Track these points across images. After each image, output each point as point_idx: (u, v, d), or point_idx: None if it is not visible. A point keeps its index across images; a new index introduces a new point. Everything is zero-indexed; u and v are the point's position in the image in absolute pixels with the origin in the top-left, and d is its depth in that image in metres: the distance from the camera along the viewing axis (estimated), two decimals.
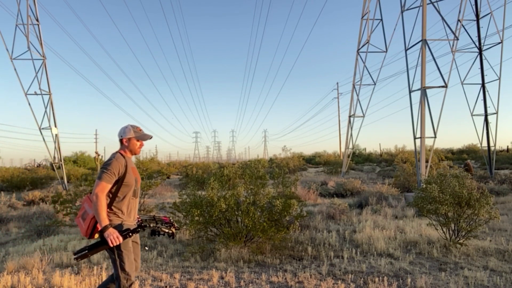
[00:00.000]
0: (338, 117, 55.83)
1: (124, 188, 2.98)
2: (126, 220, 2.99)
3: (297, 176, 8.95)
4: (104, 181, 2.85)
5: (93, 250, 2.81)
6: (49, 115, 20.63)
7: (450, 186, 5.86)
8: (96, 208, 2.77)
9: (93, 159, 43.97)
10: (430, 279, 4.44)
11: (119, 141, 3.15)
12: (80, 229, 3.00)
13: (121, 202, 2.98)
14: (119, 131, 3.13)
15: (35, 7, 19.98)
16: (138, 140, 3.13)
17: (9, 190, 19.94)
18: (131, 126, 3.14)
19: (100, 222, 2.76)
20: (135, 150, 3.13)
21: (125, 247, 2.92)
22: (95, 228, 2.87)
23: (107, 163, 2.94)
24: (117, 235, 2.77)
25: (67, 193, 7.88)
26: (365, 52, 23.05)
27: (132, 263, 2.97)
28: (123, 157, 3.05)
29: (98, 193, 2.80)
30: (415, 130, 13.74)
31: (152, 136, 3.23)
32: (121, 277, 2.90)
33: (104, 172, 2.87)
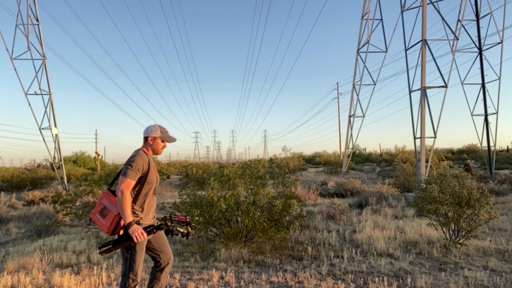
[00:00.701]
0: (338, 117, 55.89)
1: (146, 186, 3.01)
2: (144, 218, 3.00)
3: (297, 176, 8.95)
4: (129, 177, 2.86)
5: (118, 245, 2.84)
6: (49, 115, 20.66)
7: (450, 186, 5.86)
8: (121, 204, 2.78)
9: (93, 159, 43.97)
10: (430, 279, 4.44)
11: (144, 139, 3.17)
12: (100, 225, 3.00)
13: (142, 199, 3.00)
14: (145, 129, 3.17)
15: (35, 7, 19.99)
16: (162, 141, 3.18)
17: (9, 190, 19.94)
18: (158, 126, 3.18)
19: (124, 218, 2.78)
20: (157, 150, 3.17)
21: (139, 248, 2.94)
22: (118, 225, 2.88)
23: (131, 160, 2.94)
24: (142, 232, 2.79)
25: (67, 193, 7.87)
26: (365, 52, 23.07)
27: (141, 265, 3.00)
28: (146, 155, 3.07)
29: (123, 190, 2.82)
30: (415, 130, 13.75)
31: (176, 139, 3.28)
32: (128, 276, 2.93)
33: (129, 169, 2.89)
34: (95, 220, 3.06)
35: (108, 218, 2.93)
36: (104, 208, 3.00)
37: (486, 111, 18.70)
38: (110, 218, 2.91)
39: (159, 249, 3.16)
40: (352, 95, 24.47)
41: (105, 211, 2.98)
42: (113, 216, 2.89)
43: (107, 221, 2.92)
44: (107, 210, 2.97)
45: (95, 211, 3.06)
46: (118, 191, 2.83)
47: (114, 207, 2.91)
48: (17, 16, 19.47)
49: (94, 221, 3.09)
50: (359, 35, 23.42)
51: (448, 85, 13.66)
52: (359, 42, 23.47)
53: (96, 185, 7.09)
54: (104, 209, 2.99)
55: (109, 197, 3.01)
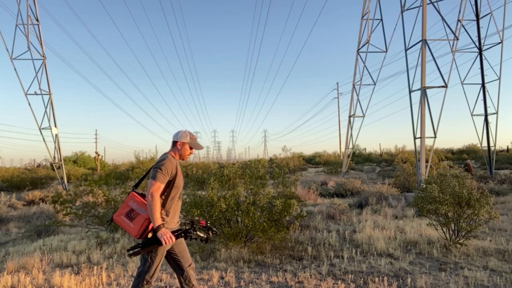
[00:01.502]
0: (338, 117, 55.89)
1: (173, 190, 3.01)
2: (169, 222, 2.99)
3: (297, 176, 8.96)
4: (159, 181, 2.87)
5: (146, 247, 2.86)
6: (49, 115, 20.65)
7: (450, 186, 5.86)
8: (151, 207, 2.79)
9: (93, 159, 43.97)
10: (430, 279, 4.44)
11: (172, 143, 3.18)
12: (127, 228, 2.96)
13: (169, 204, 3.01)
14: (175, 134, 3.20)
15: (35, 7, 19.99)
16: (190, 147, 3.20)
17: (9, 190, 19.93)
18: (188, 132, 3.21)
19: (154, 221, 2.78)
20: (184, 156, 3.18)
21: (161, 252, 2.95)
22: (147, 228, 2.88)
23: (160, 164, 2.94)
24: (170, 235, 2.81)
25: (67, 193, 7.87)
26: (365, 52, 23.06)
27: (159, 268, 3.03)
28: (174, 159, 3.08)
29: (153, 193, 2.82)
30: (415, 130, 13.74)
31: (203, 147, 3.30)
32: (144, 277, 2.95)
33: (159, 172, 2.89)
34: (119, 222, 3.00)
35: (137, 221, 2.90)
36: (131, 210, 2.97)
37: (486, 111, 18.70)
38: (139, 221, 2.89)
39: (179, 254, 3.17)
40: (352, 95, 24.48)
41: (133, 214, 2.95)
42: (143, 220, 2.88)
43: (136, 224, 2.89)
44: (135, 213, 2.94)
45: (120, 213, 3.01)
46: (148, 194, 2.83)
47: (144, 211, 2.89)
48: (17, 16, 19.49)
49: (118, 223, 3.02)
50: (359, 35, 23.43)
51: (448, 85, 13.66)
52: (359, 42, 23.47)
53: (96, 185, 7.09)
54: (132, 212, 2.96)
55: (137, 200, 2.98)
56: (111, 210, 6.84)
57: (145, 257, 2.95)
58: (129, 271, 4.99)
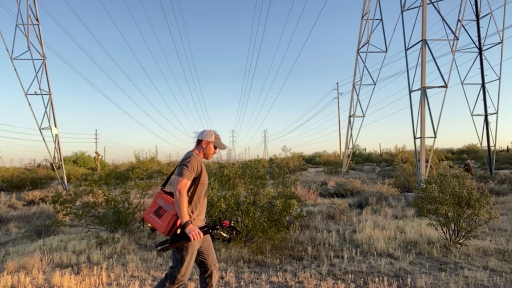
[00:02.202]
0: (338, 117, 55.90)
1: (199, 187, 3.06)
2: (196, 219, 3.03)
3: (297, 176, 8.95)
4: (185, 178, 2.92)
5: (175, 243, 2.89)
6: (49, 115, 20.63)
7: (450, 186, 5.86)
8: (178, 204, 2.83)
9: (93, 159, 43.98)
10: (430, 279, 4.44)
11: (197, 141, 3.24)
12: (155, 225, 3.01)
13: (195, 201, 3.05)
14: (200, 133, 3.26)
15: (35, 7, 19.98)
16: (215, 147, 3.25)
17: (9, 190, 19.92)
18: (213, 131, 3.26)
19: (181, 217, 2.82)
20: (208, 155, 3.24)
21: (192, 250, 2.98)
22: (175, 224, 2.92)
23: (186, 161, 2.99)
24: (198, 231, 2.84)
25: (67, 193, 7.87)
26: (365, 52, 23.06)
27: (190, 267, 3.04)
28: (198, 157, 3.13)
29: (180, 189, 2.87)
30: (415, 130, 13.74)
31: (227, 147, 3.36)
32: (176, 276, 2.97)
33: (185, 169, 2.94)
34: (149, 220, 3.06)
35: (164, 218, 2.95)
36: (159, 208, 3.02)
37: (486, 111, 18.70)
38: (167, 218, 2.93)
39: (206, 252, 3.20)
40: (352, 95, 24.48)
41: (160, 211, 3.00)
42: (170, 216, 2.92)
43: (164, 221, 2.94)
44: (163, 210, 2.99)
45: (149, 211, 3.08)
46: (175, 190, 2.88)
47: (171, 207, 2.94)
48: (17, 16, 19.47)
49: (147, 221, 3.09)
50: (359, 35, 23.43)
51: (448, 85, 13.66)
52: (359, 42, 23.47)
53: (96, 185, 7.09)
54: (160, 209, 3.01)
55: (165, 198, 3.04)
56: (111, 210, 6.85)
57: (176, 256, 2.98)
58: (129, 271, 4.99)
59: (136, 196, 7.35)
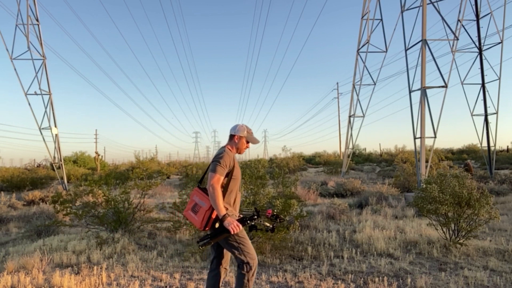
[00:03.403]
0: (338, 117, 55.89)
1: (233, 182, 3.12)
2: (233, 212, 3.10)
3: (297, 176, 8.95)
4: (218, 173, 2.98)
5: (215, 237, 2.96)
6: (49, 115, 20.63)
7: (450, 186, 5.86)
8: (213, 198, 2.89)
9: (93, 159, 43.97)
10: (430, 279, 4.44)
11: (230, 136, 3.28)
12: (193, 221, 3.10)
13: (229, 195, 3.10)
14: (232, 127, 3.28)
15: (35, 7, 19.98)
16: (247, 141, 3.28)
17: (9, 190, 19.91)
18: (245, 126, 3.28)
19: (218, 212, 2.89)
20: (241, 149, 3.27)
21: (242, 233, 3.04)
22: (209, 219, 2.98)
23: (219, 156, 3.06)
24: (237, 224, 2.91)
25: (67, 193, 7.87)
26: (365, 52, 23.05)
27: (252, 246, 3.10)
28: (231, 152, 3.18)
29: (214, 184, 2.93)
30: (415, 130, 13.74)
31: (259, 141, 3.38)
32: (247, 261, 3.02)
33: (218, 165, 3.00)
34: (188, 216, 3.19)
35: (199, 213, 3.04)
36: (195, 204, 3.11)
37: (486, 111, 18.68)
38: (201, 214, 3.02)
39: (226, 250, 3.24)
40: (352, 95, 24.47)
41: (196, 208, 3.09)
42: (204, 211, 3.00)
43: (199, 217, 3.03)
44: (198, 206, 3.08)
45: (188, 208, 3.20)
46: (209, 186, 2.95)
47: (204, 203, 3.02)
48: (17, 16, 19.47)
49: (187, 217, 3.21)
50: (359, 35, 23.42)
51: (448, 85, 13.66)
52: (359, 42, 23.47)
53: (96, 185, 7.09)
54: (195, 206, 3.11)
55: (199, 194, 3.13)
56: (111, 210, 6.84)
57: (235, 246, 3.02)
58: (129, 271, 4.99)
59: (136, 196, 7.35)
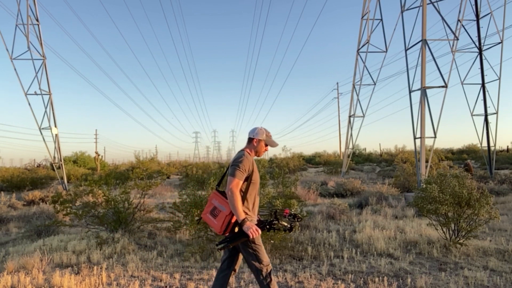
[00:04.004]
0: (338, 117, 55.88)
1: (252, 186, 3.10)
2: (252, 216, 3.08)
3: (297, 176, 8.95)
4: (237, 177, 2.96)
5: (234, 241, 2.95)
6: (49, 115, 20.63)
7: (450, 186, 5.86)
8: (233, 203, 2.88)
9: (93, 159, 43.96)
10: (430, 279, 4.44)
11: (248, 140, 3.26)
12: (212, 225, 3.09)
13: (248, 199, 3.08)
14: (251, 130, 3.26)
15: (35, 7, 19.98)
16: (266, 144, 3.26)
17: (9, 190, 19.91)
18: (264, 129, 3.26)
19: (238, 216, 2.87)
20: (260, 152, 3.26)
21: (258, 241, 3.04)
22: (229, 224, 2.97)
23: (238, 161, 3.03)
24: (256, 228, 2.88)
25: (67, 193, 7.87)
26: (365, 52, 23.05)
27: (265, 253, 3.10)
28: (250, 156, 3.16)
29: (232, 189, 2.92)
30: (415, 130, 13.74)
31: (278, 144, 3.37)
32: (262, 269, 3.03)
33: (237, 169, 2.97)
34: (206, 220, 3.15)
35: (219, 217, 3.01)
36: (214, 208, 3.09)
37: (486, 111, 18.68)
38: (221, 218, 2.99)
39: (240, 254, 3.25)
40: (352, 95, 24.47)
41: (215, 211, 3.07)
42: (224, 216, 2.98)
43: (219, 221, 3.00)
44: (217, 210, 3.06)
45: (206, 211, 3.16)
46: (228, 190, 2.93)
47: (224, 207, 3.00)
48: (17, 16, 19.47)
49: (205, 221, 3.18)
50: (359, 35, 23.42)
51: (448, 85, 13.65)
52: (359, 42, 23.47)
53: (96, 185, 7.08)
54: (215, 209, 3.08)
55: (218, 198, 3.10)
56: (111, 210, 6.84)
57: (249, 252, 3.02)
58: (129, 271, 4.99)
59: (136, 196, 7.35)
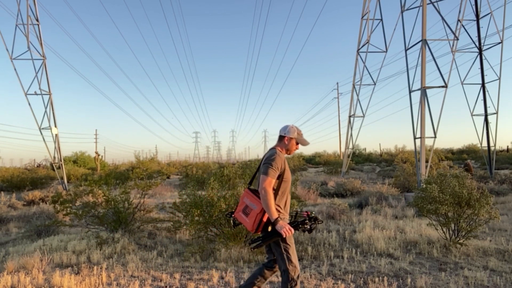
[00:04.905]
0: (338, 117, 55.90)
1: (284, 184, 3.08)
2: (284, 215, 3.07)
3: (297, 176, 8.95)
4: (270, 176, 2.94)
5: (267, 240, 2.94)
6: (49, 115, 20.63)
7: (450, 186, 5.86)
8: (265, 202, 2.87)
9: (93, 159, 43.96)
10: (430, 279, 4.44)
11: (280, 137, 3.24)
12: (244, 223, 3.08)
13: (281, 198, 3.07)
14: (282, 128, 3.25)
15: (35, 7, 19.98)
16: (297, 142, 3.25)
17: (9, 190, 19.92)
18: (296, 127, 3.25)
19: (271, 215, 2.85)
20: (291, 150, 3.24)
21: (290, 241, 3.03)
22: (261, 222, 2.96)
23: (271, 159, 3.01)
24: (289, 227, 2.86)
25: (67, 193, 7.87)
26: (365, 52, 23.05)
27: (296, 255, 3.08)
28: (282, 154, 3.15)
29: (266, 187, 2.90)
30: (415, 130, 13.74)
31: (309, 143, 3.36)
32: (289, 269, 3.01)
33: (270, 168, 2.96)
34: (239, 218, 3.16)
35: (251, 216, 3.01)
36: (246, 207, 3.09)
37: (486, 111, 18.68)
38: (253, 216, 2.99)
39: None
40: (352, 95, 24.48)
41: (247, 210, 3.07)
42: (255, 214, 2.97)
43: (250, 219, 3.00)
44: (249, 208, 3.05)
45: (239, 209, 3.16)
46: (261, 189, 2.91)
47: (256, 206, 2.98)
48: (17, 16, 19.47)
49: (237, 219, 3.19)
50: (359, 35, 23.42)
51: (448, 85, 13.66)
52: (359, 42, 23.47)
53: (96, 185, 7.09)
54: (246, 208, 3.08)
55: (250, 196, 3.10)
56: (111, 210, 6.84)
57: (279, 251, 3.01)
58: (129, 271, 4.99)
59: (136, 196, 7.35)
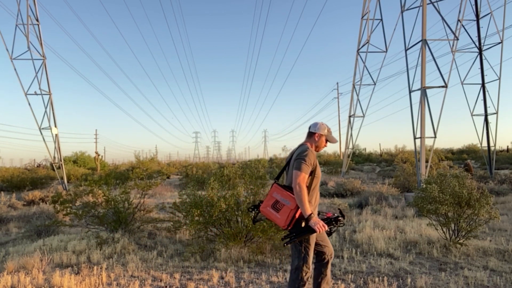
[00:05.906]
0: (338, 117, 55.94)
1: (315, 180, 3.08)
2: (314, 211, 3.06)
3: None
4: (304, 172, 2.93)
5: (300, 236, 2.93)
6: (49, 115, 20.62)
7: (450, 186, 5.86)
8: (300, 197, 2.86)
9: (93, 159, 43.96)
10: (430, 279, 4.44)
11: (310, 134, 3.26)
12: (273, 219, 3.04)
13: (312, 194, 3.06)
14: (313, 125, 3.27)
15: (35, 7, 19.98)
16: (326, 140, 3.27)
17: (9, 190, 19.92)
18: (326, 125, 3.27)
19: (304, 211, 2.84)
20: (320, 147, 3.27)
21: (312, 241, 3.03)
22: (293, 218, 2.94)
23: (303, 155, 3.00)
24: (323, 224, 2.86)
25: (67, 193, 7.87)
26: (365, 52, 23.05)
27: (312, 257, 3.08)
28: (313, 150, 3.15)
29: (300, 183, 2.88)
30: (415, 130, 13.74)
31: (337, 140, 3.37)
32: (303, 269, 3.01)
33: (303, 163, 2.95)
34: (266, 213, 3.10)
35: (283, 212, 2.97)
36: (276, 202, 3.04)
37: (486, 111, 18.67)
38: (285, 212, 2.95)
39: (323, 243, 3.23)
40: (352, 95, 24.47)
41: (278, 205, 3.02)
42: (288, 210, 2.94)
43: (283, 215, 2.96)
44: (280, 204, 3.01)
45: (266, 204, 3.10)
46: (295, 185, 2.89)
47: (289, 202, 2.95)
48: (17, 16, 19.46)
49: (265, 214, 3.13)
50: (359, 35, 23.42)
51: (448, 85, 13.66)
52: (359, 42, 23.47)
53: (96, 185, 7.09)
54: (277, 203, 3.03)
55: (280, 191, 3.04)
56: (111, 210, 6.84)
57: (298, 249, 3.02)
58: (129, 271, 4.99)
59: (136, 196, 7.35)
